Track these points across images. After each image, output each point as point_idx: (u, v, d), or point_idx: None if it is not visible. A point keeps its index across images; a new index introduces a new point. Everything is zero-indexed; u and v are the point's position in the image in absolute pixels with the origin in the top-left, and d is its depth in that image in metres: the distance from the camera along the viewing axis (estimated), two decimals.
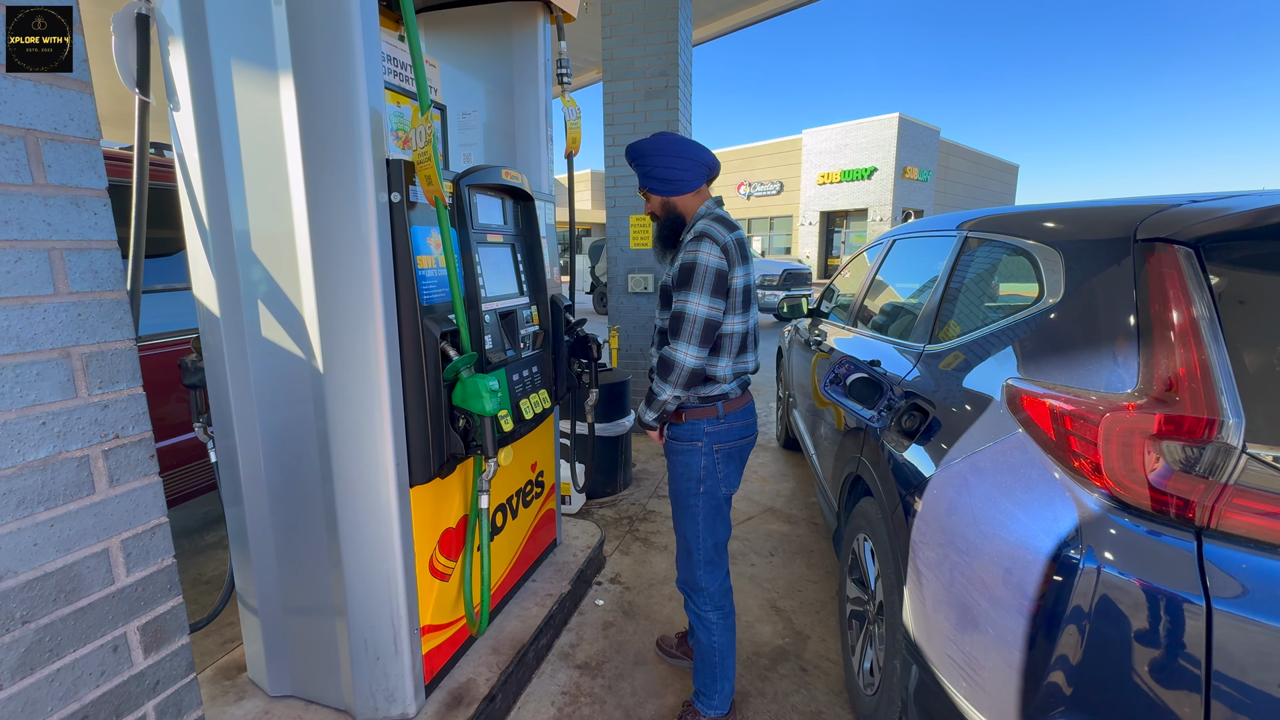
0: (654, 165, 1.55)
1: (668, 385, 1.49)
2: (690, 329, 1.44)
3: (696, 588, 1.65)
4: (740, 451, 1.63)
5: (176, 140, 1.40)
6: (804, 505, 3.27)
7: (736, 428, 1.60)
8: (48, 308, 0.80)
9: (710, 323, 1.44)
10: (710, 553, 1.63)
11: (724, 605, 1.65)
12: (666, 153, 1.53)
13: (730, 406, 1.58)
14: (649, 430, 1.62)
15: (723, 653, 1.65)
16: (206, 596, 2.35)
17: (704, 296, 1.42)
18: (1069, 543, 0.97)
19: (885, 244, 2.65)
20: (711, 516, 1.61)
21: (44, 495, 0.81)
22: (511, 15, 2.14)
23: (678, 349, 1.45)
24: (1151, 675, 0.89)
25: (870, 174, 23.91)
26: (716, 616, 1.64)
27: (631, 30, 4.05)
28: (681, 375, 1.46)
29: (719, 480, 1.59)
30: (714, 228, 1.46)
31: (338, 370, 1.39)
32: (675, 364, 1.46)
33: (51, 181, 0.80)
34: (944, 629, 1.20)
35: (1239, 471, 0.88)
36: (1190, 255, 1.00)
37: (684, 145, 1.54)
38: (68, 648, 0.84)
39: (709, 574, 1.63)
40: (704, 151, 1.56)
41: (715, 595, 1.64)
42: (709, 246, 1.43)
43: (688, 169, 1.54)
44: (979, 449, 1.22)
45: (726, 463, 1.60)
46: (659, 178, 1.55)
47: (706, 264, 1.42)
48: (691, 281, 1.43)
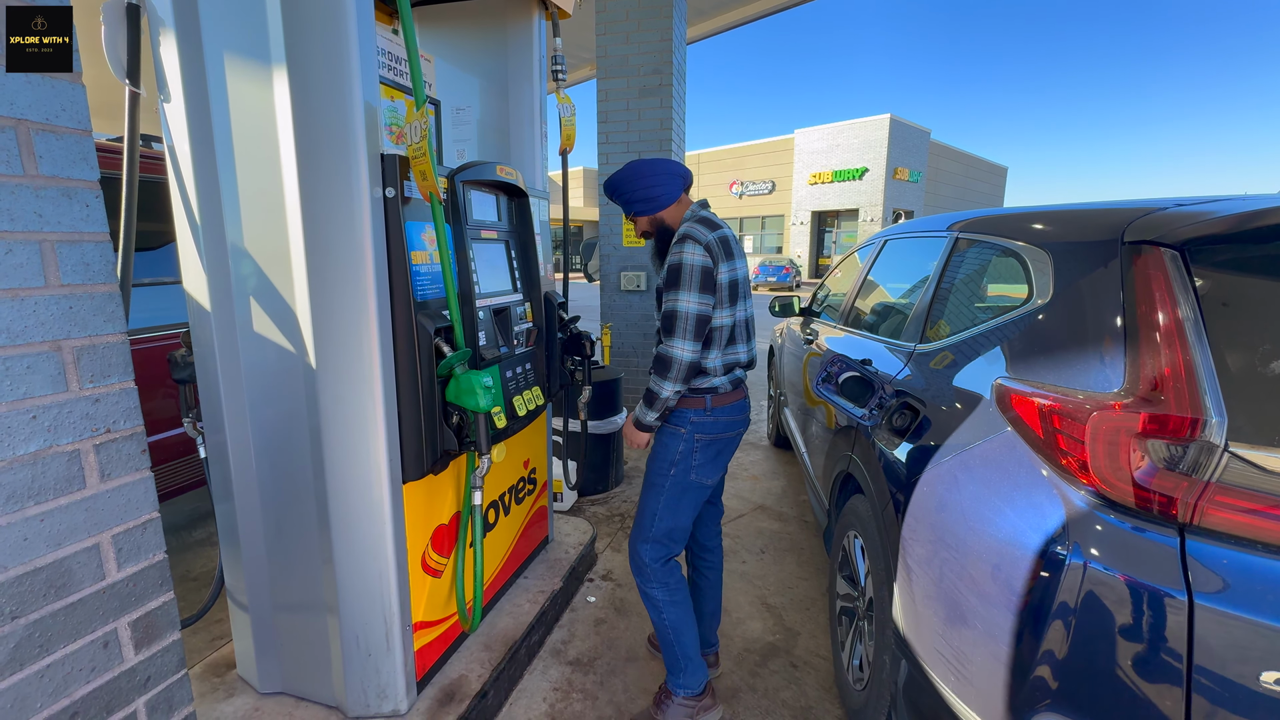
0: (631, 190, 1.63)
1: (667, 382, 1.52)
2: (683, 325, 1.50)
3: (639, 562, 1.67)
4: (722, 444, 1.65)
5: (167, 132, 1.39)
6: (794, 503, 3.30)
7: (722, 421, 1.63)
8: (38, 300, 0.80)
9: (701, 317, 1.51)
10: (662, 534, 1.64)
11: (668, 582, 1.65)
12: (639, 177, 1.63)
13: (719, 400, 1.61)
14: (642, 433, 1.62)
15: (676, 630, 1.65)
16: (195, 593, 2.33)
17: (693, 294, 1.49)
18: (1056, 539, 0.99)
19: (877, 244, 2.67)
20: (673, 500, 1.63)
21: (34, 489, 0.80)
22: (507, 11, 2.13)
23: (673, 345, 1.50)
24: (1135, 669, 0.91)
25: (861, 174, 24.06)
26: (662, 593, 1.65)
27: (626, 28, 4.05)
28: (680, 370, 1.51)
29: (692, 467, 1.62)
30: (695, 229, 1.52)
31: (331, 366, 1.38)
32: (673, 360, 1.50)
33: (43, 173, 0.79)
34: (933, 624, 1.22)
35: (1221, 469, 0.90)
36: (1176, 257, 1.01)
37: (653, 165, 1.63)
38: (58, 643, 0.84)
39: (653, 551, 1.65)
40: (672, 164, 1.64)
41: (657, 573, 1.65)
42: (692, 246, 1.49)
43: (663, 184, 1.62)
44: (969, 447, 1.24)
45: (704, 452, 1.62)
46: (639, 199, 1.64)
47: (692, 263, 1.48)
48: (680, 281, 1.49)
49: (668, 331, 1.52)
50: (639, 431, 1.63)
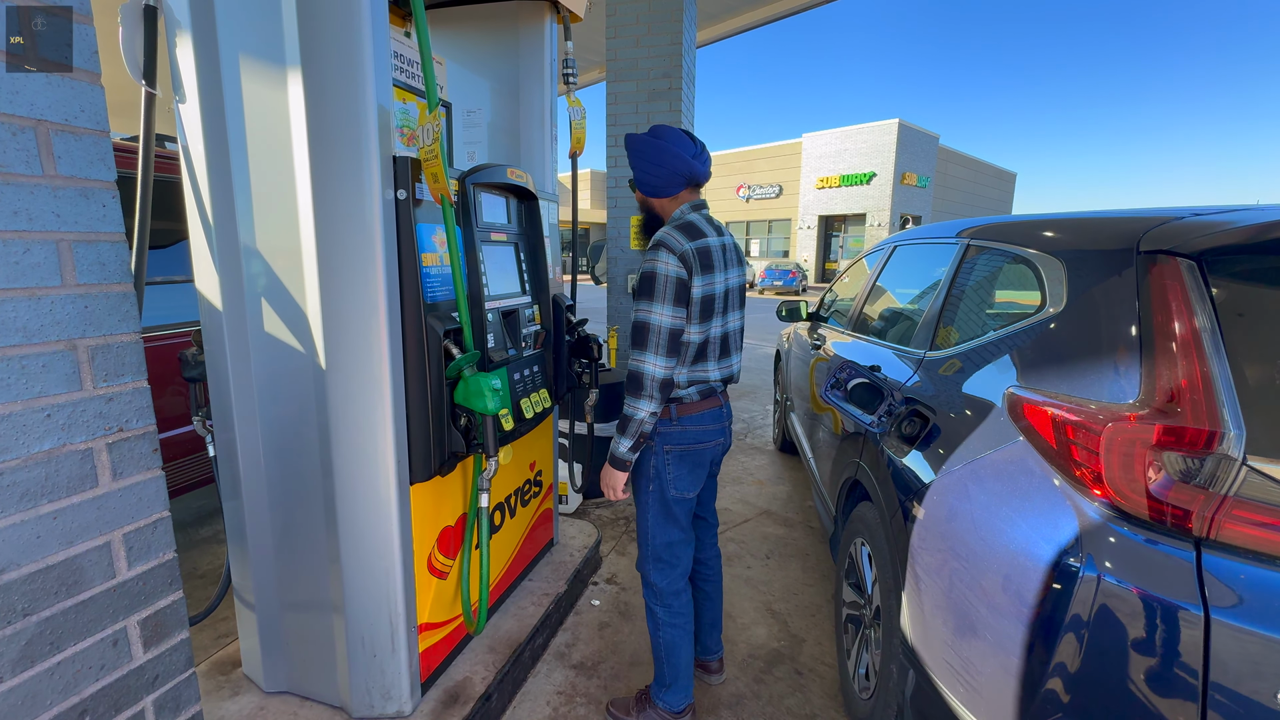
0: (636, 165, 1.57)
1: (642, 400, 1.44)
2: (656, 340, 1.42)
3: (646, 579, 1.67)
4: (695, 455, 1.58)
5: (182, 133, 1.40)
6: (800, 508, 3.28)
7: (690, 431, 1.56)
8: (55, 299, 0.80)
9: (674, 331, 1.43)
10: (660, 550, 1.62)
11: (672, 605, 1.64)
12: (646, 158, 1.53)
13: (684, 410, 1.54)
14: (619, 475, 1.52)
15: (669, 649, 1.64)
16: (201, 591, 2.34)
17: (666, 306, 1.41)
18: (1069, 551, 0.98)
19: (885, 250, 2.66)
20: (660, 515, 1.60)
21: (47, 488, 0.81)
22: (519, 14, 2.14)
23: (645, 360, 1.43)
24: (1148, 684, 0.90)
25: (869, 179, 23.99)
26: (663, 614, 1.64)
27: (636, 31, 4.06)
28: (654, 386, 1.43)
29: (668, 481, 1.57)
30: (672, 237, 1.43)
31: (340, 366, 1.39)
32: (644, 376, 1.43)
33: (61, 173, 0.80)
34: (942, 634, 1.21)
35: (1239, 483, 0.88)
36: (1193, 268, 1.00)
37: (663, 155, 1.51)
38: (68, 641, 0.84)
39: (658, 571, 1.64)
40: (682, 162, 1.51)
41: (663, 594, 1.64)
42: (665, 255, 1.41)
43: (663, 176, 1.53)
44: (980, 456, 1.23)
45: (678, 465, 1.57)
46: (639, 176, 1.57)
47: (665, 273, 1.41)
48: (653, 292, 1.42)
49: (638, 344, 1.43)
50: (617, 473, 1.53)
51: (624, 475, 1.54)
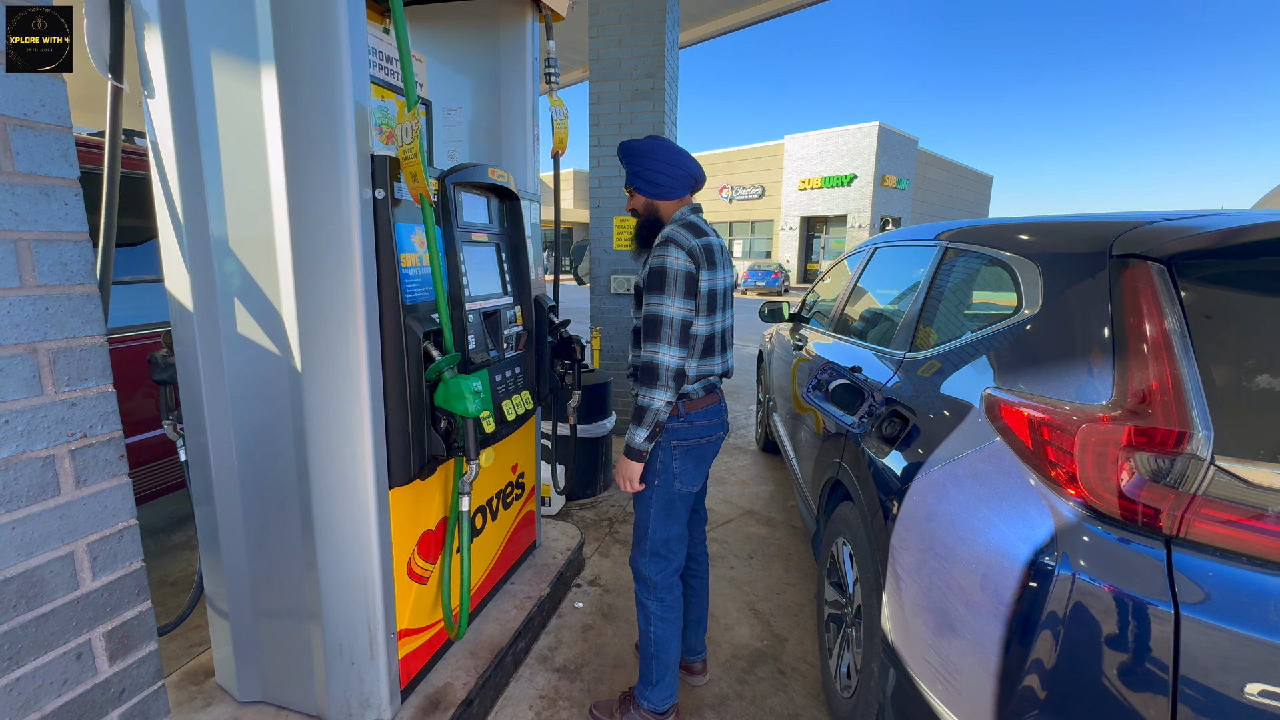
0: (643, 167, 1.59)
1: (657, 390, 1.46)
2: (669, 331, 1.46)
3: (640, 574, 1.67)
4: (700, 450, 1.63)
5: (151, 129, 1.35)
6: (783, 508, 3.30)
7: (697, 426, 1.61)
8: (13, 301, 0.77)
9: (685, 323, 1.48)
10: (659, 545, 1.64)
11: (665, 599, 1.65)
12: (659, 158, 1.58)
13: (692, 406, 1.59)
14: (636, 466, 1.52)
15: (659, 645, 1.65)
16: (173, 599, 2.28)
17: (677, 299, 1.46)
18: (1045, 550, 1.00)
19: (866, 252, 2.68)
20: (663, 510, 1.62)
21: (5, 496, 0.78)
22: (500, 12, 2.12)
23: (659, 351, 1.46)
24: (1121, 679, 0.92)
25: (850, 181, 24.27)
26: (655, 607, 1.65)
27: (619, 31, 4.04)
28: (669, 375, 1.46)
29: (674, 476, 1.60)
30: (679, 233, 1.49)
31: (317, 369, 1.36)
32: (659, 366, 1.46)
33: (19, 170, 0.77)
34: (922, 633, 1.22)
35: (1207, 482, 0.91)
36: (1163, 271, 1.03)
37: (676, 154, 1.59)
38: (28, 656, 0.81)
39: (654, 565, 1.65)
40: (693, 164, 1.61)
41: (657, 588, 1.65)
42: (675, 251, 1.46)
43: (675, 177, 1.59)
44: (958, 456, 1.24)
45: (684, 459, 1.61)
46: (647, 179, 1.59)
47: (675, 267, 1.46)
48: (664, 285, 1.46)
49: (651, 337, 1.47)
50: (633, 464, 1.52)
51: (640, 466, 1.54)
